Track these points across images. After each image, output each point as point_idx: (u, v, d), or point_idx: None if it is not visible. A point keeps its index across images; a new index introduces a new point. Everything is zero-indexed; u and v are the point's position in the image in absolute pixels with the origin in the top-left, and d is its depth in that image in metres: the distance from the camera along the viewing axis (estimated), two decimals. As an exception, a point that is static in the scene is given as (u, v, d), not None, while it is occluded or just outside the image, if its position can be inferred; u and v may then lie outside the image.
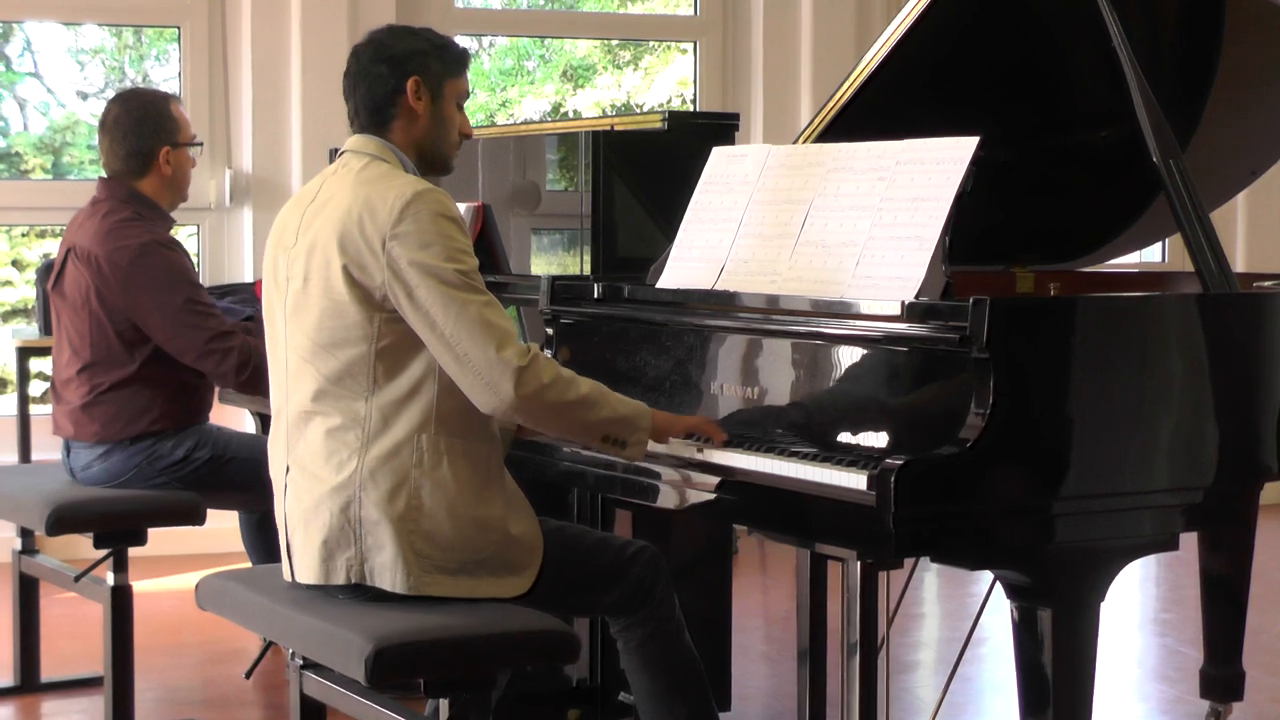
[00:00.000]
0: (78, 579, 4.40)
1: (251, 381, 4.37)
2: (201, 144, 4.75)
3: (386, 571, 3.15)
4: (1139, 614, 5.87)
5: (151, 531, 4.34)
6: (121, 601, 4.29)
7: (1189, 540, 3.40)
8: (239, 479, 4.43)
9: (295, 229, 3.27)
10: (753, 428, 3.32)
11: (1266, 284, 3.75)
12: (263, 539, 4.74)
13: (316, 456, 3.20)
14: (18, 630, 4.82)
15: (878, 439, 3.09)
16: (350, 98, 3.34)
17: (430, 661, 3.04)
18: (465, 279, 3.12)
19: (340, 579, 3.18)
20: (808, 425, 3.23)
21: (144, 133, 4.48)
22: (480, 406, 3.13)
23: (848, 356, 3.20)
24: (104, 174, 4.57)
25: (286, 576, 3.31)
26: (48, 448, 5.43)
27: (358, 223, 3.14)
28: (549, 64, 8.05)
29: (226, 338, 4.35)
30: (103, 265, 4.37)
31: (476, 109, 7.61)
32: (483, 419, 3.20)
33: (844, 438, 3.15)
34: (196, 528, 4.48)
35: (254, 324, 4.92)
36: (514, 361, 3.09)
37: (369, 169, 3.24)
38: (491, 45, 7.90)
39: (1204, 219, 3.32)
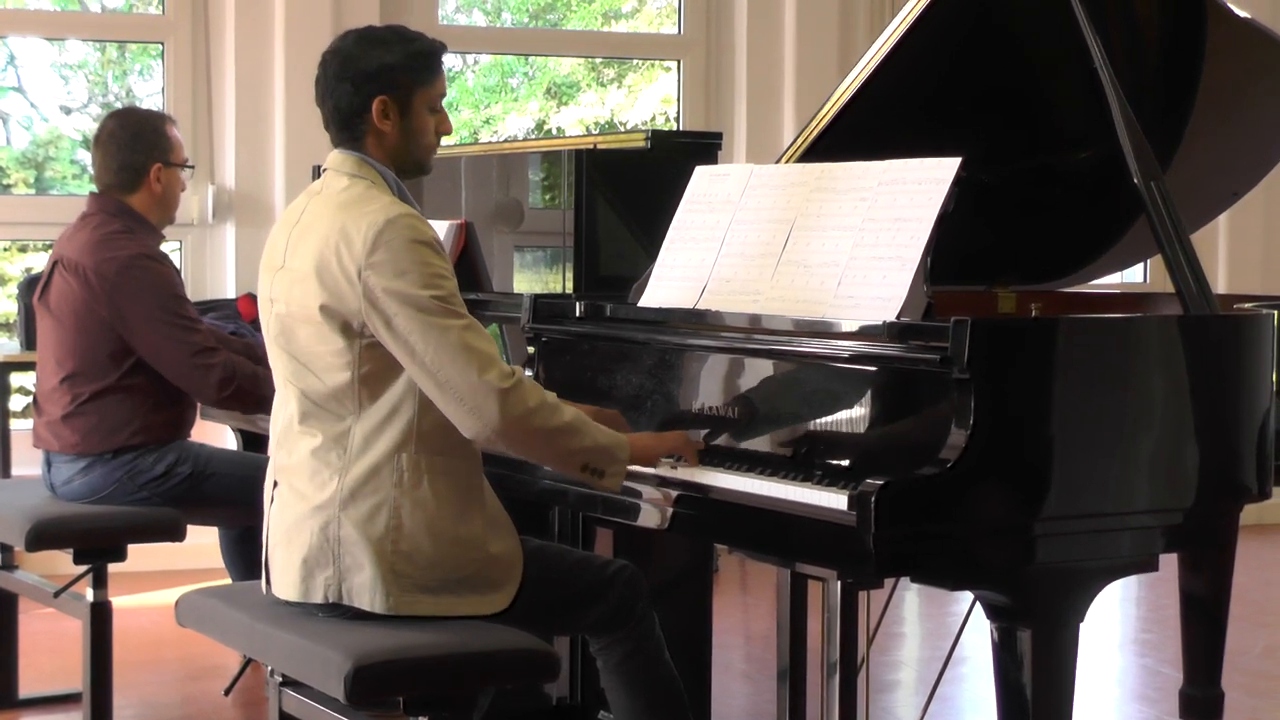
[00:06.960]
0: (57, 595, 4.39)
1: (234, 399, 4.36)
2: (193, 167, 4.76)
3: (365, 592, 3.14)
4: (1119, 634, 5.87)
5: (131, 547, 4.33)
6: (101, 618, 4.28)
7: (1169, 560, 3.40)
8: (220, 495, 4.42)
9: (283, 251, 3.26)
10: (733, 447, 3.32)
11: (1247, 305, 3.76)
12: (243, 555, 4.72)
13: (301, 474, 3.20)
14: (-4, 646, 4.81)
15: (858, 459, 3.09)
16: (320, 108, 3.29)
17: (410, 680, 3.04)
18: (443, 304, 3.08)
19: (319, 598, 3.18)
20: (788, 445, 3.23)
21: (138, 147, 4.49)
22: (465, 433, 3.11)
23: (829, 376, 3.20)
24: (94, 189, 4.57)
25: (263, 590, 3.31)
26: (28, 463, 5.42)
27: (335, 252, 3.12)
28: (533, 81, 8.06)
29: (210, 354, 4.34)
30: (90, 276, 4.36)
31: (460, 125, 7.61)
32: (462, 435, 3.19)
33: (824, 457, 3.15)
34: (176, 544, 4.47)
35: (243, 339, 4.92)
36: (498, 384, 3.06)
37: (349, 190, 3.21)
38: (475, 62, 7.91)
39: (1184, 240, 3.33)
